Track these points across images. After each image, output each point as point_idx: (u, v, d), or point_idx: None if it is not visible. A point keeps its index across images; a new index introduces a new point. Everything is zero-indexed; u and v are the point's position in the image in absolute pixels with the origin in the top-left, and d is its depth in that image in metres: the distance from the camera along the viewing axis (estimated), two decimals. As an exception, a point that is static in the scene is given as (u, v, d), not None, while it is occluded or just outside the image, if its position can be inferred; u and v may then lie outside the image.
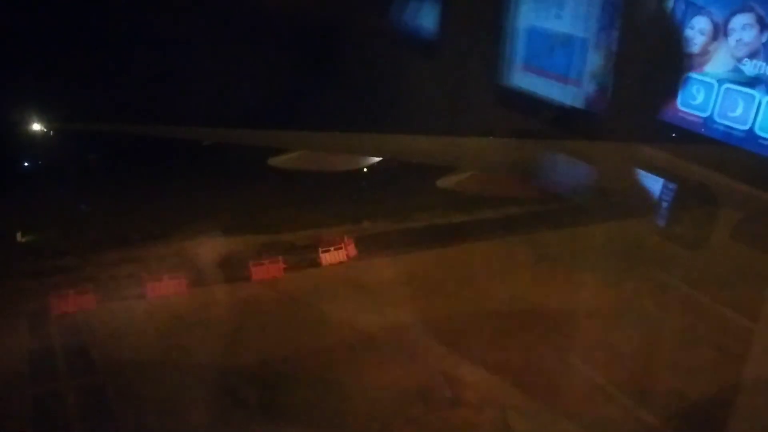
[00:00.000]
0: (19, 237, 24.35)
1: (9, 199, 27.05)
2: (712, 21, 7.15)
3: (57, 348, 15.79)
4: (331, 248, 21.14)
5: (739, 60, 6.93)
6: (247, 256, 20.99)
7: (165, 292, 18.67)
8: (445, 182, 13.43)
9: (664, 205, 8.76)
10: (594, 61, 8.87)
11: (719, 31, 7.09)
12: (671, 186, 8.55)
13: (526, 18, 9.67)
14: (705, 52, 7.28)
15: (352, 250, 21.47)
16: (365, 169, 24.47)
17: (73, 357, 15.26)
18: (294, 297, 18.32)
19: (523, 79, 9.96)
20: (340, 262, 20.95)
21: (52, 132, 31.41)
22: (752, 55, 6.83)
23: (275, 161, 14.39)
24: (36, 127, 30.20)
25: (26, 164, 34.56)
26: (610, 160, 9.72)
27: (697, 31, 7.32)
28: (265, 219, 25.25)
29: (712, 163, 7.78)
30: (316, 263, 20.81)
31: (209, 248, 21.31)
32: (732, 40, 6.98)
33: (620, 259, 15.53)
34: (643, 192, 9.12)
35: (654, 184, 8.83)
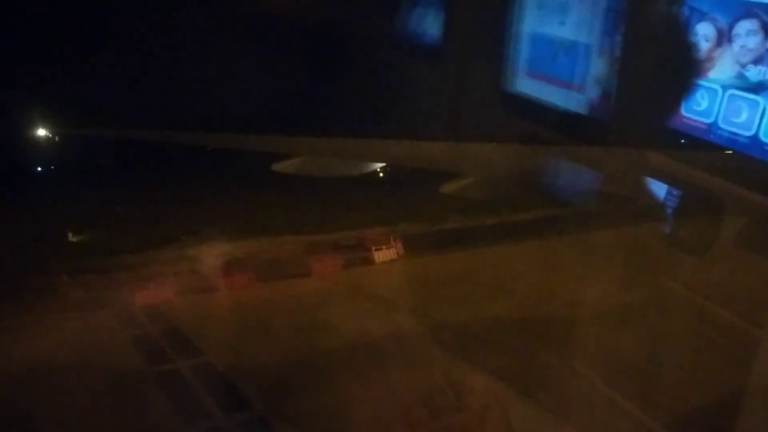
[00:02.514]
0: (70, 236, 25.66)
1: (41, 202, 28.42)
2: (716, 27, 7.13)
3: (155, 334, 17.16)
4: (383, 247, 22.65)
5: (744, 66, 6.91)
6: (295, 255, 22.99)
7: (235, 285, 20.19)
8: (447, 188, 13.47)
9: (669, 211, 8.74)
10: (598, 66, 8.85)
11: (723, 37, 7.06)
12: (676, 192, 8.53)
13: (530, 24, 9.66)
14: (709, 58, 7.25)
15: (401, 249, 22.96)
16: (387, 173, 25.59)
17: (174, 341, 16.54)
18: (356, 291, 20.08)
19: (526, 85, 9.94)
20: (392, 260, 22.52)
21: (62, 137, 31.94)
22: (756, 61, 6.80)
23: (278, 167, 14.47)
24: (44, 132, 30.76)
25: (42, 169, 35.26)
26: (615, 166, 9.69)
27: (701, 37, 7.30)
28: (300, 220, 26.60)
29: (717, 169, 7.75)
30: (369, 261, 22.50)
31: (256, 247, 23.46)
32: (736, 46, 6.96)
33: (626, 265, 15.62)
34: (647, 198, 9.09)
35: (659, 190, 8.80)
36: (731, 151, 7.13)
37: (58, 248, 24.18)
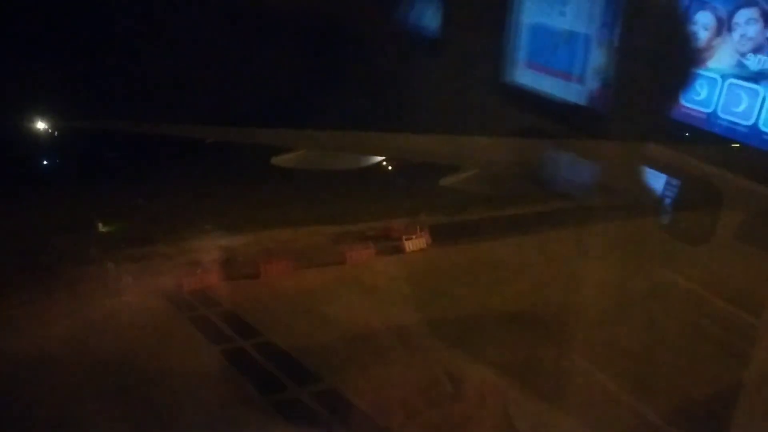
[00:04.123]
0: (99, 227, 26.42)
1: (59, 195, 29.02)
2: (716, 16, 7.08)
3: (211, 316, 17.77)
4: (413, 236, 23.64)
5: (743, 55, 6.86)
6: (324, 245, 23.71)
7: (275, 272, 20.92)
8: (449, 181, 13.45)
9: (669, 202, 8.70)
10: (597, 57, 8.80)
11: (723, 26, 7.02)
12: (675, 183, 8.49)
13: (530, 15, 9.61)
14: (709, 48, 7.20)
15: (428, 238, 23.99)
16: (401, 166, 26.01)
17: (230, 322, 17.19)
18: (392, 277, 20.34)
19: (527, 77, 9.89)
20: (421, 249, 23.56)
21: (70, 131, 32.18)
22: (756, 50, 6.76)
23: (279, 160, 14.47)
24: (52, 126, 31.07)
25: (55, 164, 35.63)
26: (615, 157, 9.65)
27: (701, 26, 7.25)
28: (321, 212, 27.34)
29: (717, 160, 7.72)
30: (400, 249, 23.34)
31: (288, 237, 24.45)
32: (736, 35, 6.91)
33: (626, 256, 15.69)
34: (647, 189, 9.05)
35: (658, 181, 8.76)
36: (730, 141, 7.10)
37: (91, 239, 25.17)
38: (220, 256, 22.17)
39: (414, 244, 23.54)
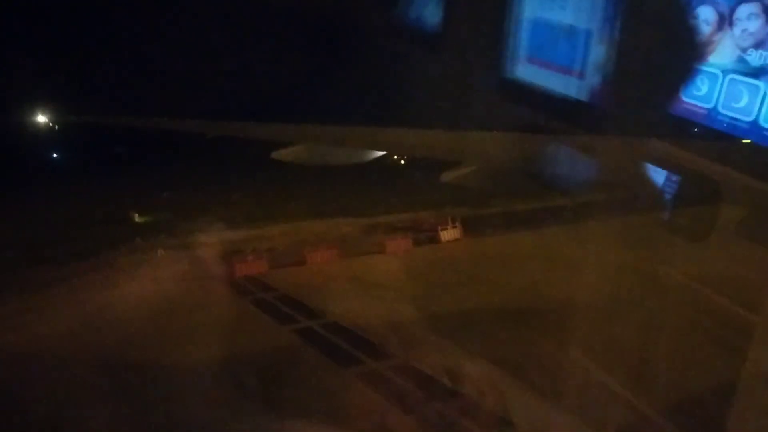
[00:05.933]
0: (135, 218, 27.34)
1: (80, 189, 29.75)
2: (717, 11, 7.03)
3: (271, 300, 18.97)
4: (448, 227, 25.12)
5: (744, 50, 6.82)
6: (360, 235, 25.43)
7: (321, 260, 22.38)
8: (448, 176, 13.40)
9: (669, 198, 8.66)
10: (598, 52, 8.75)
11: (724, 21, 6.97)
12: (676, 179, 8.45)
13: (530, 9, 9.55)
14: (710, 43, 7.15)
15: (461, 229, 25.54)
16: (421, 159, 26.99)
17: (291, 305, 18.25)
18: (433, 265, 21.62)
19: (527, 72, 9.83)
20: (455, 240, 24.87)
21: (72, 127, 32.43)
22: (758, 45, 6.71)
23: (278, 154, 14.48)
24: (57, 121, 31.49)
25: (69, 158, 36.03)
26: (615, 153, 9.61)
27: (703, 21, 7.20)
28: (349, 205, 28.27)
29: (717, 156, 7.67)
30: (436, 240, 24.70)
31: (321, 228, 26.02)
32: (737, 29, 6.86)
33: (624, 252, 15.79)
34: (647, 186, 9.01)
35: (659, 177, 8.72)
36: (731, 137, 7.06)
37: (132, 229, 25.90)
38: (263, 245, 23.06)
39: (449, 234, 24.68)
